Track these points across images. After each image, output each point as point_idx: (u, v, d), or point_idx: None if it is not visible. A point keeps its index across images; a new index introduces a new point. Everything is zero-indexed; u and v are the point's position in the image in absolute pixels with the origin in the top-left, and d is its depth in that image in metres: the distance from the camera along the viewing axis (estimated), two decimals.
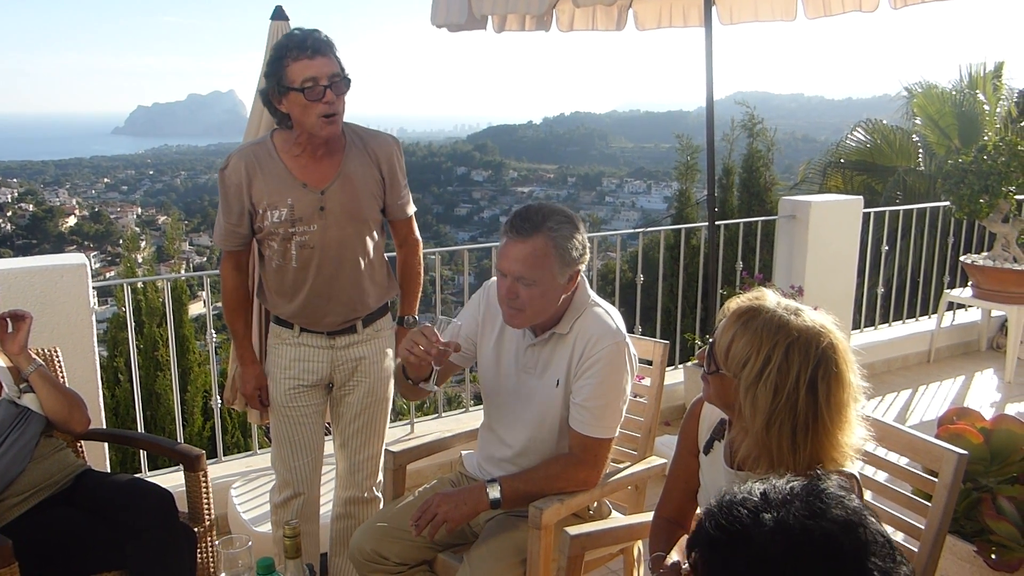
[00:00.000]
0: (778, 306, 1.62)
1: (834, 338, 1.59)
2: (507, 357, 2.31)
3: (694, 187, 10.72)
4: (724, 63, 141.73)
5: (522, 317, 2.16)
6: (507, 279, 2.12)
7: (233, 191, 2.47)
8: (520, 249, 2.09)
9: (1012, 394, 5.09)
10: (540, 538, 2.10)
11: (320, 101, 2.32)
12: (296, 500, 2.68)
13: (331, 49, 2.36)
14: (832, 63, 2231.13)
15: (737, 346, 1.60)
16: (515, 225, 2.11)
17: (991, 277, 5.29)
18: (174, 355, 3.61)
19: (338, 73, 2.36)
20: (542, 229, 2.08)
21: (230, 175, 2.47)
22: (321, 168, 2.48)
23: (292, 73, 2.32)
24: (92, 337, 3.21)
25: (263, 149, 2.49)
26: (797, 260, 5.09)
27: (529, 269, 2.08)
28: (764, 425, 1.57)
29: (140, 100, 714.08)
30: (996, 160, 5.14)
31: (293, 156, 2.47)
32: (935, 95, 9.63)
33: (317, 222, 2.47)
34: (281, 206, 2.45)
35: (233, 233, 2.54)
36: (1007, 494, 2.45)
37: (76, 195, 62.04)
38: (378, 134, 2.61)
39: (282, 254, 2.50)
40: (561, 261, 2.11)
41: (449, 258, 4.39)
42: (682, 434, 1.96)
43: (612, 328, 2.19)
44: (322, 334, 2.60)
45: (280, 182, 2.45)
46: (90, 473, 2.53)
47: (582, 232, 2.16)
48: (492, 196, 74.22)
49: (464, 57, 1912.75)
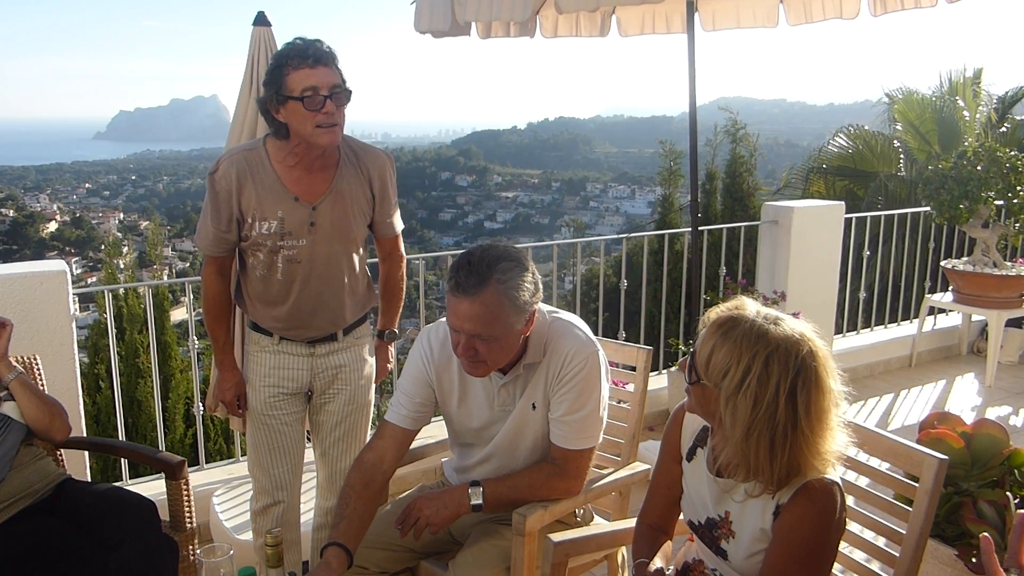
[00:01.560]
0: (757, 315, 1.62)
1: (814, 346, 1.60)
2: (478, 400, 2.22)
3: (678, 192, 10.75)
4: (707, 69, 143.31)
5: (485, 368, 2.07)
6: (461, 336, 1.99)
7: (223, 197, 2.41)
8: (470, 308, 1.94)
9: (992, 398, 5.13)
10: (524, 545, 2.09)
11: (319, 111, 2.28)
12: (276, 508, 2.65)
13: (333, 60, 2.32)
14: (814, 69, 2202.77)
15: (717, 356, 1.60)
16: (460, 282, 1.94)
17: (971, 282, 5.34)
18: (155, 362, 3.58)
19: (339, 84, 2.31)
20: (489, 282, 1.93)
21: (220, 180, 2.41)
22: (314, 182, 2.43)
23: (292, 82, 2.27)
24: (72, 344, 3.18)
25: (255, 156, 2.43)
26: (780, 265, 5.12)
27: (483, 326, 1.96)
28: (744, 435, 1.57)
29: (122, 105, 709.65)
30: (976, 166, 5.19)
31: (287, 167, 2.42)
32: (916, 101, 9.72)
33: (306, 237, 2.44)
34: (271, 218, 2.41)
35: (221, 239, 2.47)
36: (987, 498, 2.46)
37: (57, 200, 61.51)
38: (372, 149, 2.56)
39: (268, 266, 2.47)
40: (516, 310, 1.98)
41: (434, 263, 4.39)
42: (665, 441, 1.96)
43: (582, 339, 2.15)
44: (302, 342, 2.58)
45: (272, 193, 2.41)
46: (71, 482, 2.50)
47: (531, 271, 2.03)
48: (476, 201, 74.19)
49: (448, 63, 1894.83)
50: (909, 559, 1.84)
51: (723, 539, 1.76)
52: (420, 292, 4.06)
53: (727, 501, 1.75)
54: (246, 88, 3.07)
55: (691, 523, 1.86)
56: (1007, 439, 2.61)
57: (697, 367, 1.64)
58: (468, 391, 2.23)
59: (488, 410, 2.22)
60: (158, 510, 2.38)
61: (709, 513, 1.79)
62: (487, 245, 2.03)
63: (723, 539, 1.76)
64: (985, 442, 2.60)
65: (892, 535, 1.91)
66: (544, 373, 2.15)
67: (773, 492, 1.64)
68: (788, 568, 1.63)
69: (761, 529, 1.68)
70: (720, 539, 1.77)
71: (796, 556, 1.61)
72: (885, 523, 1.94)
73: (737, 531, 1.73)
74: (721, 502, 1.77)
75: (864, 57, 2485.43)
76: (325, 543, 2.00)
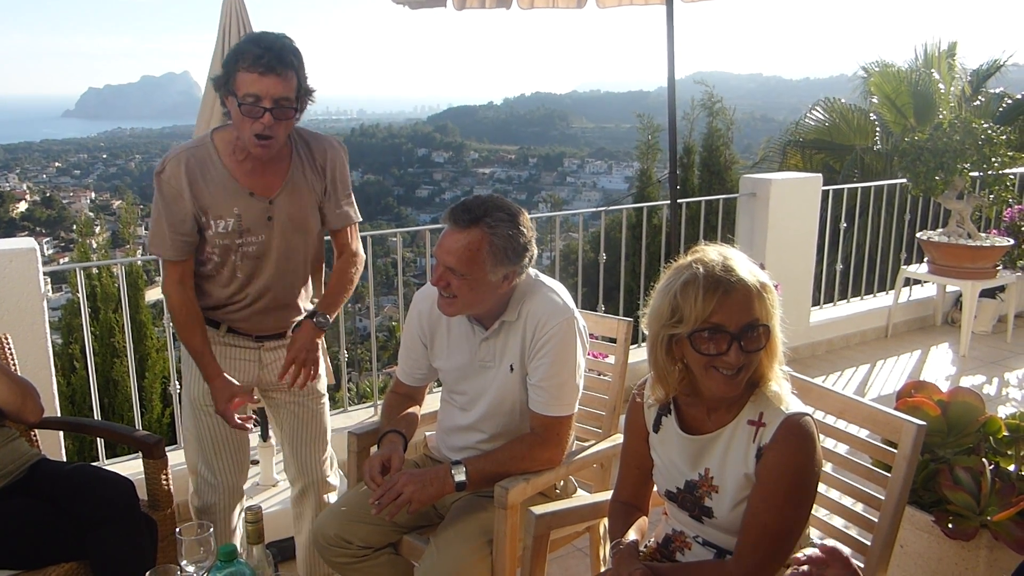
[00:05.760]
0: (706, 263, 1.68)
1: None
2: (463, 356, 2.28)
3: (655, 166, 10.76)
4: (683, 43, 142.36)
5: (454, 306, 2.14)
6: (440, 267, 2.09)
7: (173, 196, 2.29)
8: (455, 240, 2.06)
9: (967, 367, 5.20)
10: (506, 518, 2.09)
11: (256, 120, 2.18)
12: (219, 504, 2.56)
13: (289, 68, 2.18)
14: (789, 43, 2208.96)
15: (761, 301, 1.65)
16: (455, 214, 2.08)
17: (946, 253, 5.39)
18: (130, 341, 3.53)
19: (287, 98, 2.18)
20: (479, 223, 2.05)
21: (168, 181, 2.29)
22: (267, 175, 2.35)
23: (239, 81, 2.16)
24: (44, 324, 3.13)
25: (203, 152, 2.32)
26: (758, 237, 5.13)
27: (460, 262, 2.05)
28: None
29: (91, 82, 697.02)
30: (951, 138, 5.22)
31: (237, 161, 2.32)
32: (891, 75, 9.75)
33: (264, 232, 2.36)
34: (227, 216, 2.32)
35: (180, 242, 2.34)
36: (964, 464, 2.49)
37: (27, 180, 60.53)
38: (324, 139, 2.47)
39: (223, 264, 2.38)
40: (494, 259, 2.06)
41: (411, 240, 4.36)
42: (628, 423, 1.97)
43: (560, 305, 2.18)
44: (250, 336, 2.52)
45: (225, 190, 2.31)
46: (45, 462, 2.46)
47: (525, 231, 2.10)
48: (453, 177, 73.91)
49: (423, 37, 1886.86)
50: (888, 524, 1.86)
51: (706, 497, 1.78)
52: (398, 269, 4.02)
53: (706, 458, 1.78)
54: (218, 61, 3.01)
55: (668, 492, 1.87)
56: (982, 407, 2.64)
57: (758, 329, 1.65)
58: (455, 339, 2.30)
59: (469, 357, 2.26)
60: (135, 489, 2.35)
61: (687, 476, 1.81)
62: (492, 195, 2.15)
63: (706, 497, 1.78)
64: (961, 410, 2.62)
65: (870, 500, 1.93)
66: (520, 336, 2.18)
67: (740, 407, 1.72)
68: (774, 504, 1.66)
69: (745, 475, 1.71)
70: (703, 498, 1.78)
71: (782, 492, 1.66)
72: (864, 489, 1.95)
73: (720, 484, 1.75)
74: (699, 461, 1.79)
75: (839, 31, 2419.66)
76: (383, 432, 2.31)
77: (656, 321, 1.70)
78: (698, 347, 1.65)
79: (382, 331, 15.34)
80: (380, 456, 2.19)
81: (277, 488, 3.39)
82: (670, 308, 1.66)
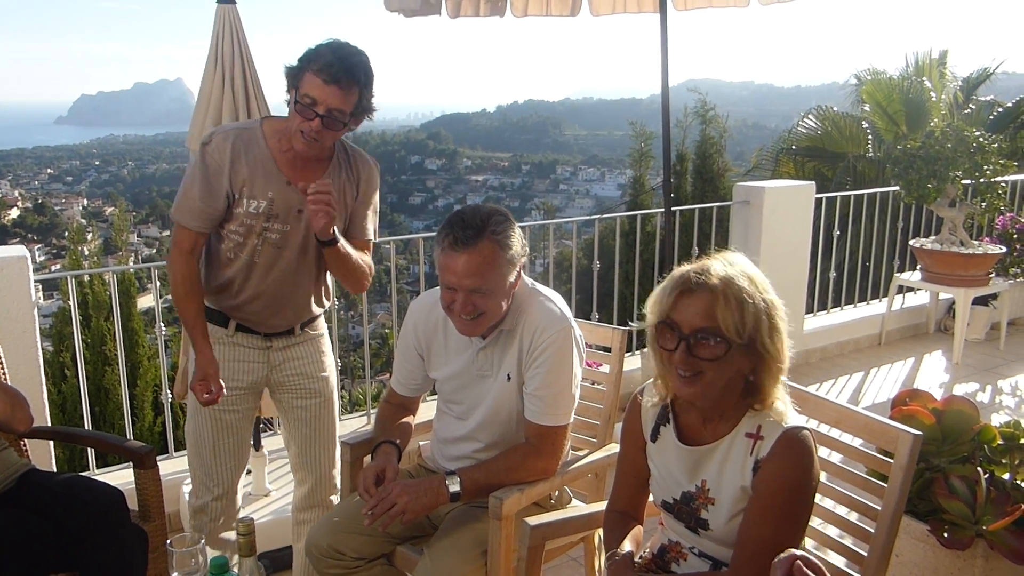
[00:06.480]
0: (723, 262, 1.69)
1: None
2: (460, 366, 2.27)
3: (648, 174, 10.78)
4: (676, 51, 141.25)
5: (482, 324, 2.12)
6: (459, 293, 2.05)
7: (214, 169, 2.32)
8: (468, 261, 2.02)
9: (960, 375, 5.20)
10: (501, 528, 2.08)
11: (306, 120, 2.23)
12: (217, 504, 2.57)
13: (354, 83, 2.22)
14: (781, 51, 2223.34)
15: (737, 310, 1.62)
16: (457, 236, 2.02)
17: (939, 260, 5.40)
18: (121, 349, 3.51)
19: (341, 111, 2.23)
20: (485, 234, 2.02)
21: (213, 154, 2.32)
22: (307, 170, 2.38)
23: (304, 80, 2.21)
24: (35, 332, 3.11)
25: (251, 134, 2.37)
26: (752, 245, 5.13)
27: (482, 279, 2.03)
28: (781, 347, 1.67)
29: (84, 88, 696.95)
30: (943, 146, 5.23)
31: (281, 150, 2.36)
32: (883, 83, 9.79)
33: (291, 222, 2.39)
34: (261, 197, 2.35)
35: (206, 214, 2.35)
36: (958, 473, 2.49)
37: (19, 186, 60.27)
38: (363, 155, 2.52)
39: (246, 248, 2.38)
40: (508, 262, 2.07)
41: (404, 247, 4.34)
42: (625, 430, 1.96)
43: (557, 315, 2.18)
44: (259, 335, 2.52)
45: (265, 172, 2.35)
46: (35, 472, 2.44)
47: (516, 226, 2.13)
48: (446, 184, 73.90)
49: (417, 44, 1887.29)
50: (884, 534, 1.85)
51: (702, 509, 1.77)
52: (392, 276, 4.02)
53: (702, 470, 1.77)
54: (211, 69, 3.01)
55: (664, 503, 1.86)
56: (977, 415, 2.64)
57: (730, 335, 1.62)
58: (452, 349, 2.28)
59: (466, 367, 2.25)
60: (126, 500, 2.33)
61: (684, 487, 1.80)
62: (475, 204, 2.14)
63: (702, 509, 1.77)
64: (955, 418, 2.62)
65: (866, 511, 1.92)
66: (517, 344, 2.17)
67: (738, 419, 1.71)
68: (771, 518, 1.65)
69: (741, 488, 1.70)
70: (699, 510, 1.77)
71: (778, 506, 1.65)
72: (860, 499, 1.95)
73: (716, 497, 1.75)
74: (696, 472, 1.78)
75: (831, 39, 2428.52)
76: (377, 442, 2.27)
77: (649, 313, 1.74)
78: (656, 340, 1.69)
79: (375, 338, 15.31)
80: (374, 467, 2.18)
81: (270, 498, 3.36)
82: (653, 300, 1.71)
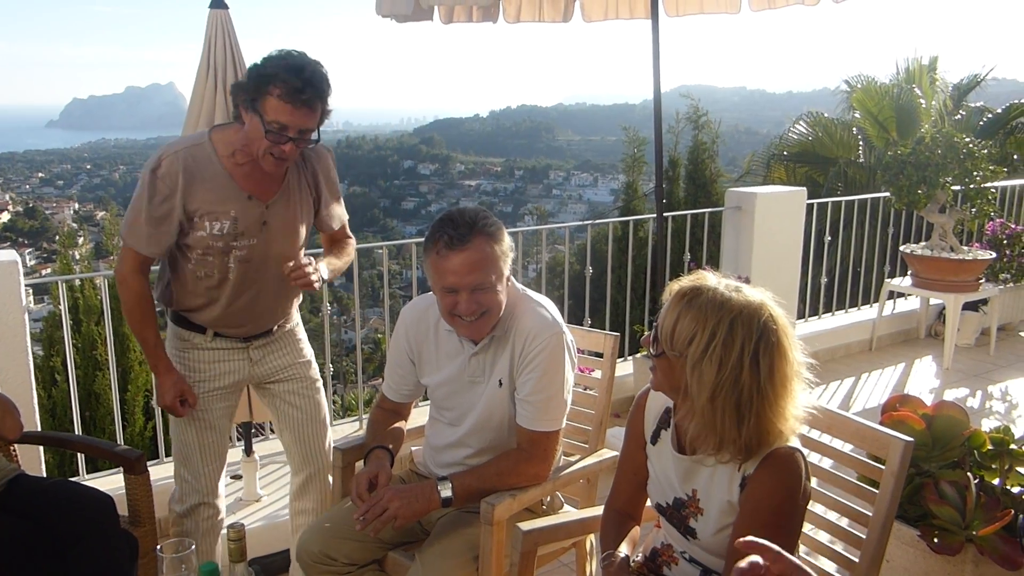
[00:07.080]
0: (719, 284, 1.65)
1: (774, 312, 1.63)
2: (452, 372, 2.27)
3: (641, 179, 10.80)
4: (668, 56, 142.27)
5: (486, 325, 2.12)
6: (462, 294, 2.05)
7: (164, 195, 2.25)
8: (465, 259, 2.02)
9: (950, 380, 5.22)
10: (492, 534, 2.08)
11: (277, 145, 2.19)
12: (202, 508, 2.56)
13: (320, 100, 2.20)
14: (773, 57, 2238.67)
15: (682, 325, 1.62)
16: (451, 236, 2.02)
17: (929, 266, 5.42)
18: (112, 354, 3.50)
19: (311, 129, 2.22)
20: (476, 230, 2.04)
21: (163, 178, 2.25)
22: (265, 180, 2.35)
23: (268, 105, 2.15)
24: (25, 336, 3.09)
25: (202, 152, 2.30)
26: (743, 251, 5.15)
27: (483, 275, 2.04)
28: (709, 399, 1.59)
29: (75, 92, 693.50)
30: (933, 152, 5.26)
31: (236, 164, 2.31)
32: (874, 89, 9.85)
33: (258, 236, 2.36)
34: (223, 218, 2.31)
35: (154, 239, 2.31)
36: (948, 479, 2.49)
37: (9, 190, 60.12)
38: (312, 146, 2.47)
39: (215, 267, 2.36)
40: (503, 256, 2.09)
41: (396, 252, 4.34)
42: (629, 428, 1.97)
43: (549, 320, 2.18)
44: (237, 339, 2.52)
45: (223, 192, 2.30)
46: (24, 477, 2.43)
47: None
48: (439, 190, 73.95)
49: (410, 49, 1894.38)
50: (876, 540, 1.85)
51: (691, 518, 1.77)
52: (384, 281, 4.01)
53: (694, 479, 1.77)
54: (203, 74, 3.01)
55: (659, 506, 1.86)
56: (967, 420, 2.64)
57: (662, 339, 1.66)
58: (443, 361, 2.28)
59: (458, 373, 2.25)
60: (116, 505, 2.32)
61: (676, 493, 1.80)
62: (461, 207, 2.12)
63: (691, 518, 1.77)
64: (946, 424, 2.63)
65: (857, 516, 1.92)
66: (509, 350, 2.17)
67: (742, 461, 1.66)
68: (756, 535, 1.63)
69: (728, 502, 1.70)
70: (688, 518, 1.77)
71: (764, 525, 1.62)
72: (851, 505, 1.95)
73: (705, 508, 1.75)
74: (688, 481, 1.78)
75: (822, 45, 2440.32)
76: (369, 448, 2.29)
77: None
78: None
79: (368, 343, 15.28)
80: (367, 473, 2.17)
81: (260, 504, 3.36)
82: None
